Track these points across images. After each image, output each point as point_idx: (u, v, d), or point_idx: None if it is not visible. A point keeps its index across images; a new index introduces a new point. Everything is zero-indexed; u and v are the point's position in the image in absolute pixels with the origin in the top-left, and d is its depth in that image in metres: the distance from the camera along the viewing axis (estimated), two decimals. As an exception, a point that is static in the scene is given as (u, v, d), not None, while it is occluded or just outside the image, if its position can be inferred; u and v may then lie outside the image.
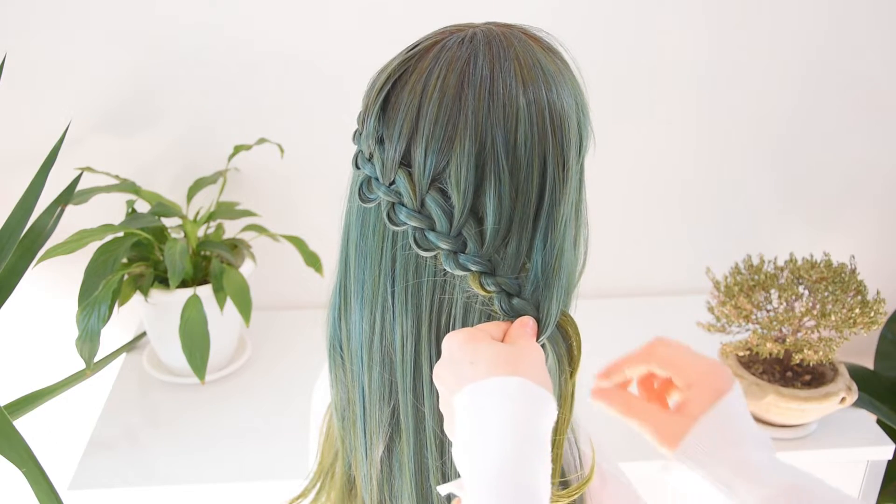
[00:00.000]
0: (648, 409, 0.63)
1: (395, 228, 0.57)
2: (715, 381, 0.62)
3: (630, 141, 1.42)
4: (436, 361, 0.59)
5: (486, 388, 0.52)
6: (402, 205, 0.56)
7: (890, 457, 1.14)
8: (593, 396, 0.66)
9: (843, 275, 1.11)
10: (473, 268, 0.55)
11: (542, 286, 0.57)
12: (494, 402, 0.51)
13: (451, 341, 0.56)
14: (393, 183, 0.56)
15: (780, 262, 1.18)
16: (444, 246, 0.55)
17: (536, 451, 0.50)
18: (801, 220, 1.53)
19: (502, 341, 0.56)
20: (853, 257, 1.15)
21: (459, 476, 0.61)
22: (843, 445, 1.13)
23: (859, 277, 1.11)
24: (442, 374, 0.55)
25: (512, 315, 0.57)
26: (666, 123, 1.42)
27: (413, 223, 0.56)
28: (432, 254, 0.56)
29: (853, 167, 1.50)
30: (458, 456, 0.52)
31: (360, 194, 0.59)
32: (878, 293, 1.10)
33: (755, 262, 1.17)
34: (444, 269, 0.57)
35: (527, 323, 0.56)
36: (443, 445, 0.62)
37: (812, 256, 1.16)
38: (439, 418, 0.60)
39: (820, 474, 1.12)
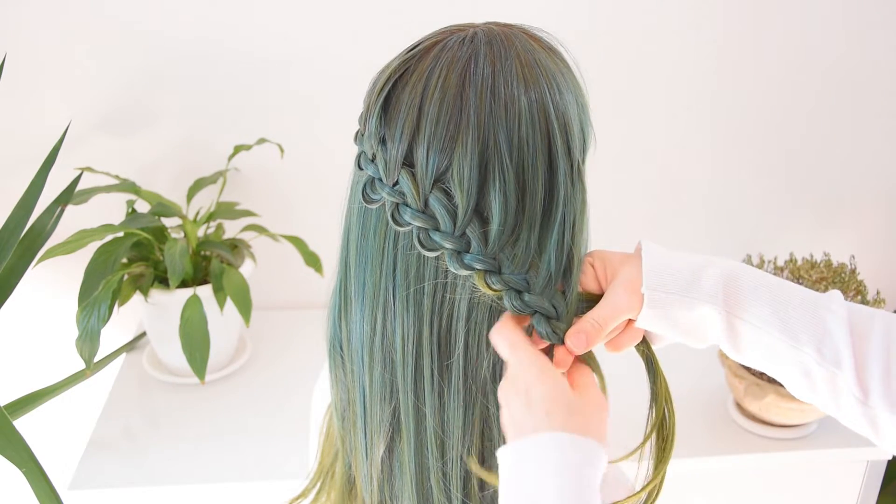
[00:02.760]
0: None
1: (400, 229, 0.57)
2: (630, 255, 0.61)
3: (630, 141, 1.42)
4: (436, 361, 0.59)
5: (542, 443, 0.53)
6: (406, 205, 0.56)
7: (889, 457, 1.14)
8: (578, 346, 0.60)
9: (843, 275, 1.11)
10: (478, 266, 0.55)
11: (557, 281, 0.57)
12: (551, 457, 0.52)
13: (531, 376, 0.55)
14: (396, 183, 0.56)
15: (780, 262, 1.18)
16: (448, 246, 0.55)
17: (588, 500, 0.51)
18: (801, 220, 1.53)
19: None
20: (853, 257, 1.15)
21: (462, 478, 0.61)
22: (842, 445, 1.13)
23: (859, 277, 1.11)
24: (513, 406, 0.55)
25: (524, 312, 0.57)
26: (667, 124, 1.42)
27: (417, 223, 0.55)
28: (436, 254, 0.56)
29: (853, 167, 1.50)
30: None
31: (363, 195, 0.58)
32: (878, 293, 1.10)
33: (755, 262, 1.17)
34: (446, 269, 0.57)
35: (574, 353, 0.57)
36: (443, 446, 0.61)
37: (812, 256, 1.16)
38: (440, 418, 0.60)
39: (820, 474, 1.12)
